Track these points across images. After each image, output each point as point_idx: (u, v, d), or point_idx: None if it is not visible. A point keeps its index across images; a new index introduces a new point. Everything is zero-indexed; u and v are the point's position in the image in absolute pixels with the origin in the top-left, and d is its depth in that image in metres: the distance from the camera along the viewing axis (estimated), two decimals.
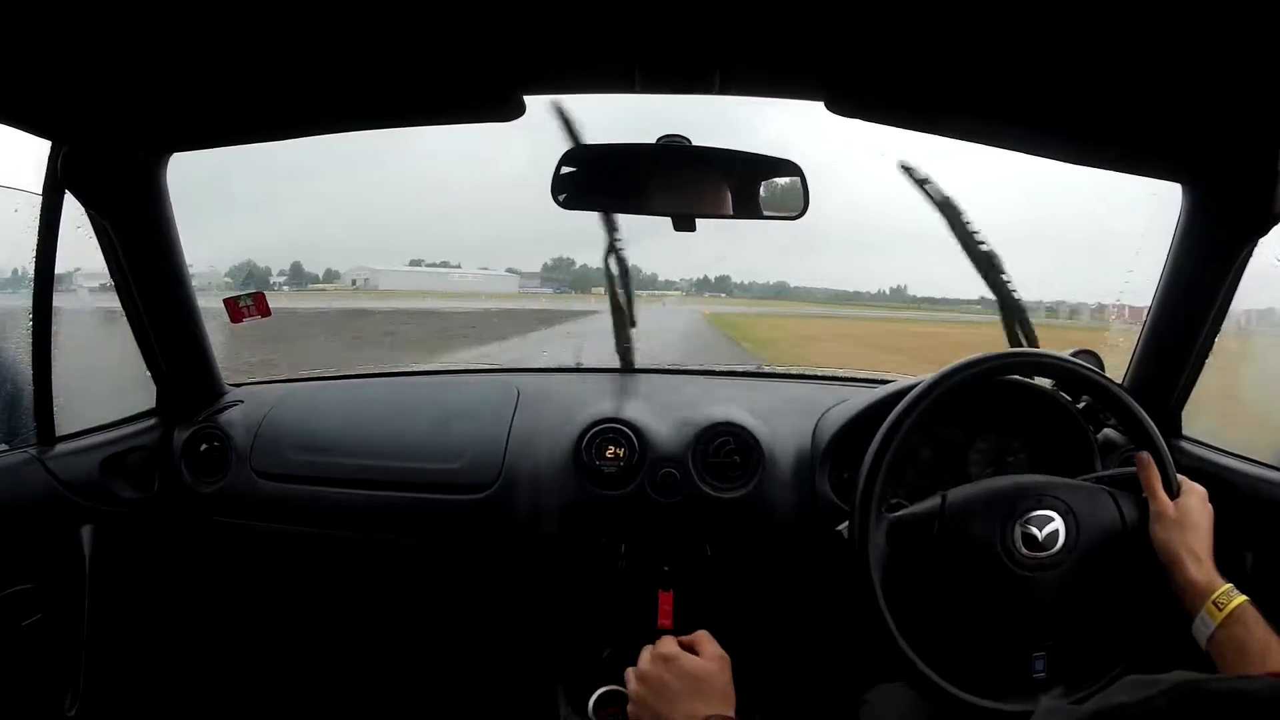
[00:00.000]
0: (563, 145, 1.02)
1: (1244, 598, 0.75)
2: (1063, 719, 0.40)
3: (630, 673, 0.83)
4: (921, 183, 1.14)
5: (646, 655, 0.83)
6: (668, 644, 0.83)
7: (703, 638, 0.84)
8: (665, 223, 1.08)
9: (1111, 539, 0.84)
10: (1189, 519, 0.82)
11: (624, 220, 1.27)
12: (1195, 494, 0.86)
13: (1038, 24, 0.70)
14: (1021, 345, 1.20)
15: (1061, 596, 0.84)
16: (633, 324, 1.44)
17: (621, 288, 1.37)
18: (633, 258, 1.33)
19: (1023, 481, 0.88)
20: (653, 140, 1.01)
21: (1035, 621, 0.84)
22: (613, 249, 1.30)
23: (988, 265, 1.18)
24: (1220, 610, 0.74)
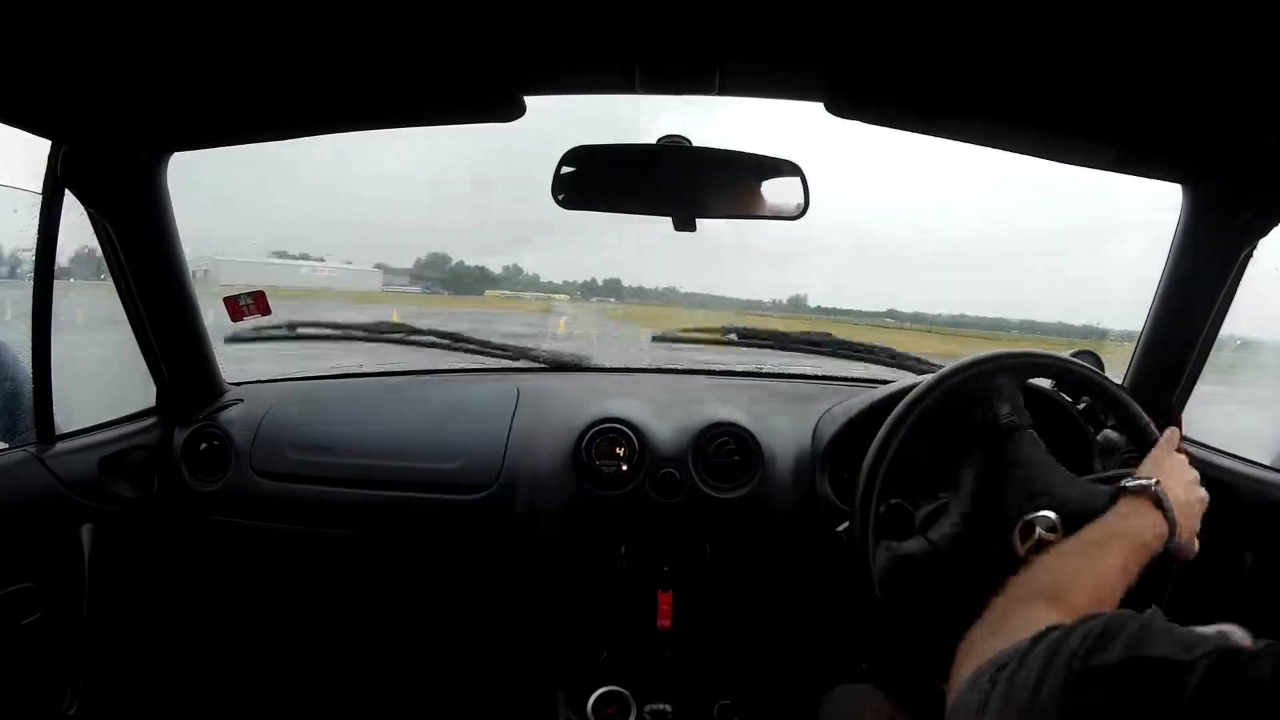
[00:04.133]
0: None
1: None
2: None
3: (1179, 489, 0.81)
4: None
5: (1183, 473, 0.82)
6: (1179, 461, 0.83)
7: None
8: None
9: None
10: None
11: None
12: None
13: (1038, 25, 0.69)
14: None
15: None
16: None
17: None
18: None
19: (1017, 482, 0.87)
20: (653, 141, 1.01)
21: None
22: None
23: None
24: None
